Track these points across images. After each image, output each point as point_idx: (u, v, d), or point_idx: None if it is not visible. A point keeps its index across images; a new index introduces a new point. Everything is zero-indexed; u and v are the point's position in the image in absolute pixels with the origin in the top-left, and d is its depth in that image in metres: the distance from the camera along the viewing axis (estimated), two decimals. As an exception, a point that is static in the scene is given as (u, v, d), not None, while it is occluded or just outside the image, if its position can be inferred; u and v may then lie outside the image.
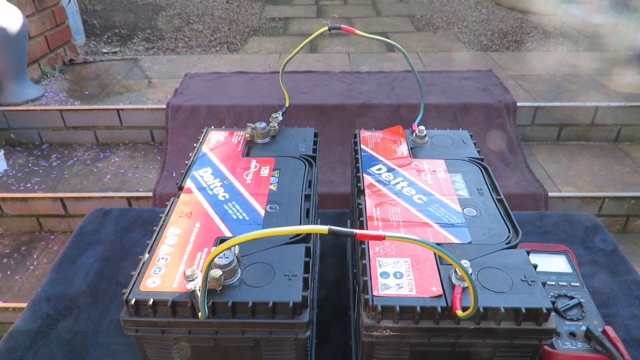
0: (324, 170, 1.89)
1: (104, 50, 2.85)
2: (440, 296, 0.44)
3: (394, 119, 2.02)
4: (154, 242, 0.50)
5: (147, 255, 0.48)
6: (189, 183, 0.61)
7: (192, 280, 0.43)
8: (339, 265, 0.80)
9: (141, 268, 0.47)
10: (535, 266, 0.48)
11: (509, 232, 0.53)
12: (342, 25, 0.66)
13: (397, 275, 0.46)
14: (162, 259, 0.48)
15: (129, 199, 1.86)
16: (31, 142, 2.19)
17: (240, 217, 0.54)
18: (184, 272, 0.43)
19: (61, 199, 1.86)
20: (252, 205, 0.56)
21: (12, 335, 0.68)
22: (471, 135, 0.73)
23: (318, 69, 2.44)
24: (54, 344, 0.67)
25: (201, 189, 0.60)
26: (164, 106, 2.09)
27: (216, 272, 0.43)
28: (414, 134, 0.71)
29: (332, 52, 2.81)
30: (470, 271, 0.45)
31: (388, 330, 0.44)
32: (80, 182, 1.92)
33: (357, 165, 0.65)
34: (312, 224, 0.58)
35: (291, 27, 3.41)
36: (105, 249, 0.86)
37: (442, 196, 0.59)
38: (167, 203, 0.57)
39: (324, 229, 0.35)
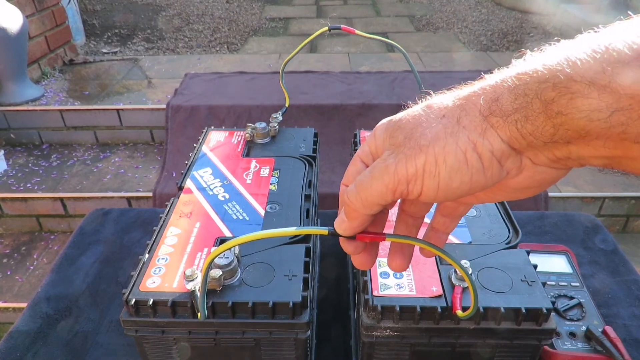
0: (324, 170, 1.89)
1: (104, 51, 2.85)
2: (440, 296, 0.44)
3: (394, 119, 2.01)
4: (154, 242, 0.50)
5: (147, 255, 0.48)
6: (189, 183, 0.61)
7: (192, 280, 0.43)
8: (339, 265, 0.80)
9: (141, 268, 0.47)
10: (535, 266, 0.48)
11: (509, 232, 0.53)
12: (342, 25, 0.66)
13: (397, 275, 0.46)
14: (162, 259, 0.48)
15: (129, 199, 1.86)
16: (31, 142, 2.19)
17: (240, 217, 0.54)
18: (184, 272, 0.43)
19: (61, 199, 1.86)
20: (252, 205, 0.56)
21: (12, 335, 0.68)
22: (471, 136, 0.73)
23: (318, 69, 2.44)
24: (54, 344, 0.67)
25: (201, 189, 0.60)
26: (164, 106, 2.09)
27: (216, 272, 0.43)
28: (414, 134, 0.71)
29: (332, 52, 2.82)
30: (470, 271, 0.45)
31: (388, 330, 0.44)
32: (80, 182, 1.92)
33: (357, 165, 0.65)
34: (312, 224, 0.58)
35: (291, 27, 3.41)
36: (105, 249, 0.86)
37: (442, 196, 0.59)
38: (167, 203, 0.57)
39: (323, 230, 0.35)
